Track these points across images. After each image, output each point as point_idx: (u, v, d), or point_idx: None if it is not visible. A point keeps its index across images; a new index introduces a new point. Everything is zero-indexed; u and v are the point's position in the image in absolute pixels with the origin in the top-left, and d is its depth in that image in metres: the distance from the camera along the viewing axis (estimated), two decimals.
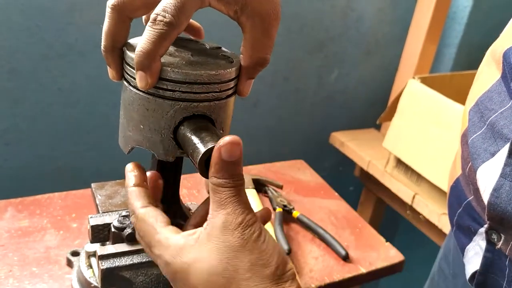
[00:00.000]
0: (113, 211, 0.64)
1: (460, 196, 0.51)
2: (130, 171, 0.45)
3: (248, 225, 0.35)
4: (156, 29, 0.38)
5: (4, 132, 0.99)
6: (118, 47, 0.44)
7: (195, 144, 0.39)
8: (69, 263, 0.72)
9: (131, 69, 0.42)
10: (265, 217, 0.47)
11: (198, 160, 0.38)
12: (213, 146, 0.37)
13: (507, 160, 0.42)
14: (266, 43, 0.43)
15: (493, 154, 0.43)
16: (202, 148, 0.38)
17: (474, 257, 0.48)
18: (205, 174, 0.38)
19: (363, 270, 0.80)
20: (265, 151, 1.33)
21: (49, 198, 0.87)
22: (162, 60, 0.41)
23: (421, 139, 1.04)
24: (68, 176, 1.09)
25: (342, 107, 1.41)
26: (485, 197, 0.44)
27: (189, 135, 0.41)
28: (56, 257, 0.73)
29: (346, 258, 0.81)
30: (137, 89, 0.42)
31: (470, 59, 1.40)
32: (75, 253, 0.72)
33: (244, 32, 0.43)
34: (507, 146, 0.42)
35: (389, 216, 1.45)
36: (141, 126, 0.42)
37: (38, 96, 0.99)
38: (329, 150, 1.40)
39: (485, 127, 0.45)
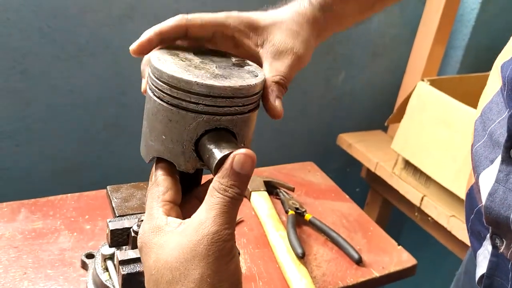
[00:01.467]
0: (129, 214, 0.64)
1: (472, 203, 0.52)
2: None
3: (220, 240, 0.34)
4: None
5: (15, 133, 0.99)
6: None
7: (211, 150, 0.40)
8: (84, 266, 0.72)
9: (156, 80, 0.42)
10: None
11: (214, 166, 0.38)
12: (230, 153, 0.38)
13: (500, 167, 0.44)
14: (284, 70, 0.46)
15: (492, 161, 0.46)
16: (218, 154, 0.39)
17: (483, 260, 0.49)
18: None
19: (376, 274, 0.81)
20: (272, 153, 1.33)
21: (62, 200, 0.87)
22: (188, 73, 0.41)
23: (430, 141, 1.04)
24: (79, 177, 1.09)
25: (350, 109, 1.41)
26: (484, 201, 0.45)
27: (208, 145, 0.41)
28: (70, 259, 0.74)
29: (359, 262, 0.81)
30: (162, 100, 0.42)
31: (477, 61, 1.41)
32: (90, 256, 0.73)
33: (263, 62, 0.47)
34: None
35: (395, 217, 1.46)
36: (163, 137, 0.43)
37: (49, 97, 0.99)
38: (336, 152, 1.40)
39: (486, 136, 0.48)
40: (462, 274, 0.65)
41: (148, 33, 0.45)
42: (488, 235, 0.48)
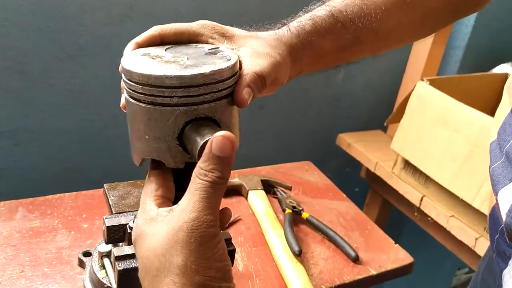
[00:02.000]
0: (126, 211, 0.64)
1: (496, 223, 0.52)
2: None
3: (201, 226, 0.34)
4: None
5: (14, 133, 0.99)
6: None
7: (194, 139, 0.40)
8: (81, 264, 0.72)
9: (132, 83, 0.42)
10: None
11: (197, 154, 0.38)
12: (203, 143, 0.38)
13: None
14: (263, 65, 0.45)
15: (510, 180, 0.46)
16: (200, 142, 0.39)
17: (508, 280, 0.49)
18: None
19: (373, 272, 0.80)
20: (272, 152, 1.33)
21: (59, 199, 0.87)
22: (158, 69, 0.41)
23: (430, 141, 1.04)
24: (78, 177, 1.09)
25: (349, 108, 1.41)
26: (504, 219, 0.45)
27: (190, 136, 0.41)
28: (68, 258, 0.74)
29: (356, 260, 0.81)
30: (137, 100, 0.42)
31: (477, 61, 1.41)
32: (87, 254, 0.73)
33: (241, 61, 0.46)
34: None
35: (394, 217, 1.46)
36: (146, 137, 0.43)
37: (48, 97, 0.99)
38: (335, 151, 1.40)
39: (503, 157, 0.48)
40: (478, 283, 0.64)
41: (129, 48, 0.47)
42: None
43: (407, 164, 1.13)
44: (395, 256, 0.86)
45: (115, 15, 0.98)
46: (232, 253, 0.56)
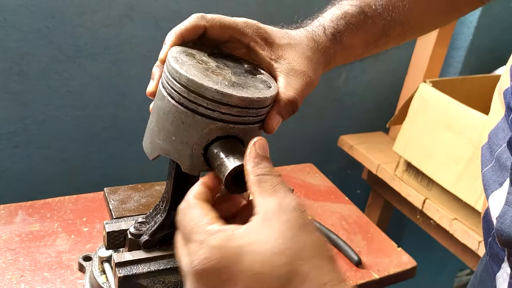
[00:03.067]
0: (126, 216, 0.63)
1: (489, 226, 0.52)
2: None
3: (303, 209, 0.35)
4: None
5: (13, 135, 0.98)
6: None
7: (223, 159, 0.40)
8: (81, 268, 0.71)
9: (174, 81, 0.42)
10: None
11: (226, 174, 0.39)
12: (241, 164, 0.38)
13: (509, 189, 0.44)
14: (298, 88, 0.47)
15: (500, 184, 0.46)
16: (230, 165, 0.39)
17: (502, 283, 0.49)
18: (231, 188, 0.39)
19: (375, 276, 0.80)
20: (273, 154, 1.32)
21: (59, 202, 0.86)
22: (207, 78, 0.41)
23: (433, 143, 1.03)
24: (77, 179, 1.08)
25: (351, 110, 1.40)
26: (494, 224, 0.45)
27: (219, 152, 0.41)
28: (68, 262, 0.73)
29: (358, 264, 0.80)
30: (177, 102, 0.42)
31: (480, 62, 1.40)
32: (87, 258, 0.72)
33: (277, 76, 0.48)
34: None
35: (396, 219, 1.45)
36: (173, 138, 0.43)
37: (47, 98, 0.98)
38: (337, 153, 1.39)
39: (494, 160, 0.48)
40: (476, 285, 0.64)
41: (171, 38, 0.46)
42: (505, 257, 0.48)
43: (409, 166, 1.12)
44: (398, 260, 0.85)
45: (115, 16, 0.98)
46: None
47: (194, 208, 0.37)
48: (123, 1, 0.97)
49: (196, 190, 0.39)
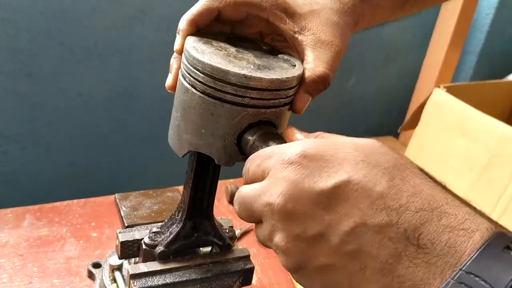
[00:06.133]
0: (138, 224, 0.62)
1: None
2: None
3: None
4: None
5: (21, 137, 0.97)
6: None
7: (255, 144, 0.39)
8: (91, 275, 0.70)
9: (197, 72, 0.40)
10: None
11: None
12: None
13: None
14: (327, 61, 0.43)
15: None
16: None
17: None
18: None
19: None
20: None
21: (67, 206, 0.85)
22: (232, 64, 0.39)
23: (446, 149, 1.02)
24: (85, 181, 1.07)
25: (360, 114, 1.39)
26: None
27: (255, 141, 0.39)
28: (77, 268, 0.71)
29: None
30: (203, 93, 0.40)
31: (492, 67, 1.38)
32: (97, 265, 0.70)
33: (303, 50, 0.44)
34: None
35: None
36: (203, 131, 0.41)
37: (56, 100, 0.97)
38: None
39: None
40: None
41: (183, 26, 0.44)
42: None
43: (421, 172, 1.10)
44: None
45: (126, 18, 0.96)
46: (251, 271, 0.54)
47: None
48: (134, 3, 0.96)
49: None
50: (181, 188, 0.54)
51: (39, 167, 1.01)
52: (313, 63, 0.42)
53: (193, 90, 0.40)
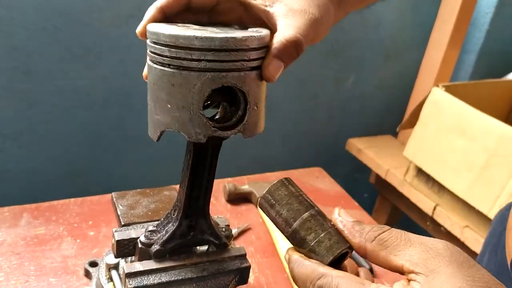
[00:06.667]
0: (135, 222, 0.62)
1: None
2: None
3: (447, 243, 0.33)
4: None
5: (19, 135, 0.97)
6: None
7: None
8: (87, 274, 0.70)
9: (154, 44, 0.39)
10: None
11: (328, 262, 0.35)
12: (344, 249, 0.35)
13: None
14: (299, 26, 0.41)
15: None
16: (329, 256, 0.35)
17: None
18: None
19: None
20: (280, 156, 1.31)
21: (65, 204, 0.84)
22: (187, 31, 0.38)
23: (445, 149, 1.01)
24: (83, 179, 1.07)
25: (359, 112, 1.39)
26: None
27: (294, 224, 0.36)
28: (73, 267, 0.71)
29: (370, 272, 0.78)
30: (162, 64, 0.39)
31: (491, 66, 1.38)
32: (93, 264, 0.70)
33: (275, 21, 0.42)
34: None
35: (404, 225, 1.43)
36: (168, 106, 0.40)
37: (53, 98, 0.97)
38: (344, 156, 1.37)
39: None
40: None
41: (151, 12, 0.42)
42: None
43: (420, 171, 1.10)
44: None
45: (123, 15, 0.96)
46: (247, 270, 0.54)
47: (342, 279, 0.32)
48: (132, 1, 0.95)
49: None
50: (178, 187, 0.54)
51: (36, 165, 1.01)
52: (284, 30, 0.41)
53: (154, 65, 0.40)
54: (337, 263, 0.36)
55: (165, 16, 0.43)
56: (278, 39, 0.40)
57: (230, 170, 1.00)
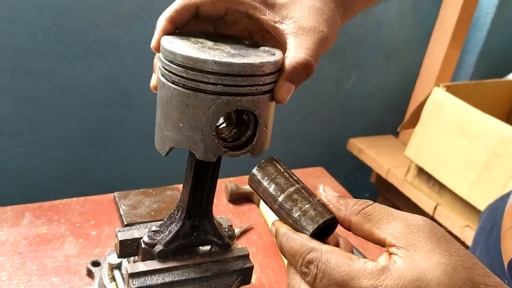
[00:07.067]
0: (138, 222, 0.62)
1: None
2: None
3: (426, 219, 0.34)
4: None
5: (20, 134, 0.97)
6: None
7: (300, 216, 0.36)
8: (90, 274, 0.70)
9: (169, 63, 0.39)
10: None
11: (311, 231, 0.35)
12: (327, 219, 0.35)
13: None
14: (309, 47, 0.41)
15: None
16: (313, 225, 0.35)
17: None
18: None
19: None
20: (281, 156, 1.30)
21: (67, 204, 0.84)
22: (203, 53, 0.38)
23: (446, 148, 1.02)
24: (83, 178, 1.07)
25: (360, 112, 1.39)
26: None
27: (281, 196, 0.37)
28: (76, 267, 0.71)
29: None
30: (176, 84, 0.39)
31: (492, 66, 1.38)
32: (96, 263, 0.70)
33: (285, 39, 0.42)
34: None
35: None
36: (181, 124, 0.40)
37: (54, 97, 0.97)
38: (345, 155, 1.38)
39: None
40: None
41: (161, 24, 0.43)
42: None
43: (420, 171, 1.10)
44: None
45: (125, 14, 0.96)
46: (250, 270, 0.54)
47: (333, 253, 0.33)
48: (133, 1, 0.95)
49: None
50: (180, 186, 0.54)
51: (36, 164, 1.01)
52: (294, 50, 0.41)
53: (168, 83, 0.40)
54: (322, 237, 0.36)
55: (175, 26, 0.43)
56: (289, 62, 0.41)
57: (232, 170, 1.00)
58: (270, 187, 0.38)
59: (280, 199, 0.37)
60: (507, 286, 0.32)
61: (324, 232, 0.36)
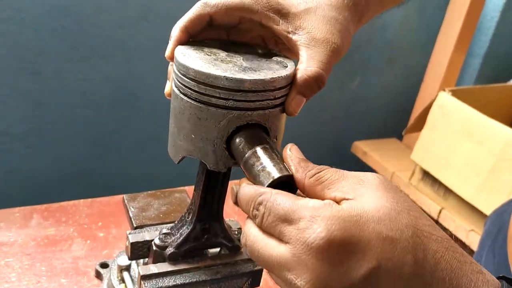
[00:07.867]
0: (147, 225, 0.62)
1: None
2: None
3: (380, 175, 0.34)
4: None
5: (26, 135, 0.97)
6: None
7: (243, 149, 0.39)
8: (98, 275, 0.70)
9: (183, 76, 0.40)
10: None
11: (267, 185, 0.37)
12: (283, 176, 0.36)
13: None
14: (321, 60, 0.41)
15: None
16: (269, 176, 0.36)
17: None
18: None
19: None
20: None
21: (74, 205, 0.85)
22: (215, 67, 0.39)
23: (452, 152, 1.02)
24: (89, 179, 1.07)
25: (364, 115, 1.39)
26: None
27: (241, 142, 0.39)
28: (84, 268, 0.71)
29: None
30: (189, 97, 0.40)
31: (496, 70, 1.38)
32: (104, 265, 0.70)
33: (298, 50, 0.42)
34: None
35: None
36: (192, 136, 0.41)
37: (61, 98, 0.97)
38: (350, 159, 1.38)
39: None
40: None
41: (175, 34, 0.43)
42: None
43: (425, 175, 1.11)
44: None
45: (131, 16, 0.96)
46: (259, 273, 0.54)
47: (281, 194, 0.34)
48: (140, 2, 0.96)
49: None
50: (188, 188, 0.54)
51: (43, 165, 1.01)
52: (306, 63, 0.41)
53: (181, 95, 0.41)
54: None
55: (189, 35, 0.44)
56: (301, 75, 0.41)
57: (238, 173, 1.00)
58: (243, 147, 0.40)
59: (246, 155, 0.38)
60: (453, 241, 0.31)
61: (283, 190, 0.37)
